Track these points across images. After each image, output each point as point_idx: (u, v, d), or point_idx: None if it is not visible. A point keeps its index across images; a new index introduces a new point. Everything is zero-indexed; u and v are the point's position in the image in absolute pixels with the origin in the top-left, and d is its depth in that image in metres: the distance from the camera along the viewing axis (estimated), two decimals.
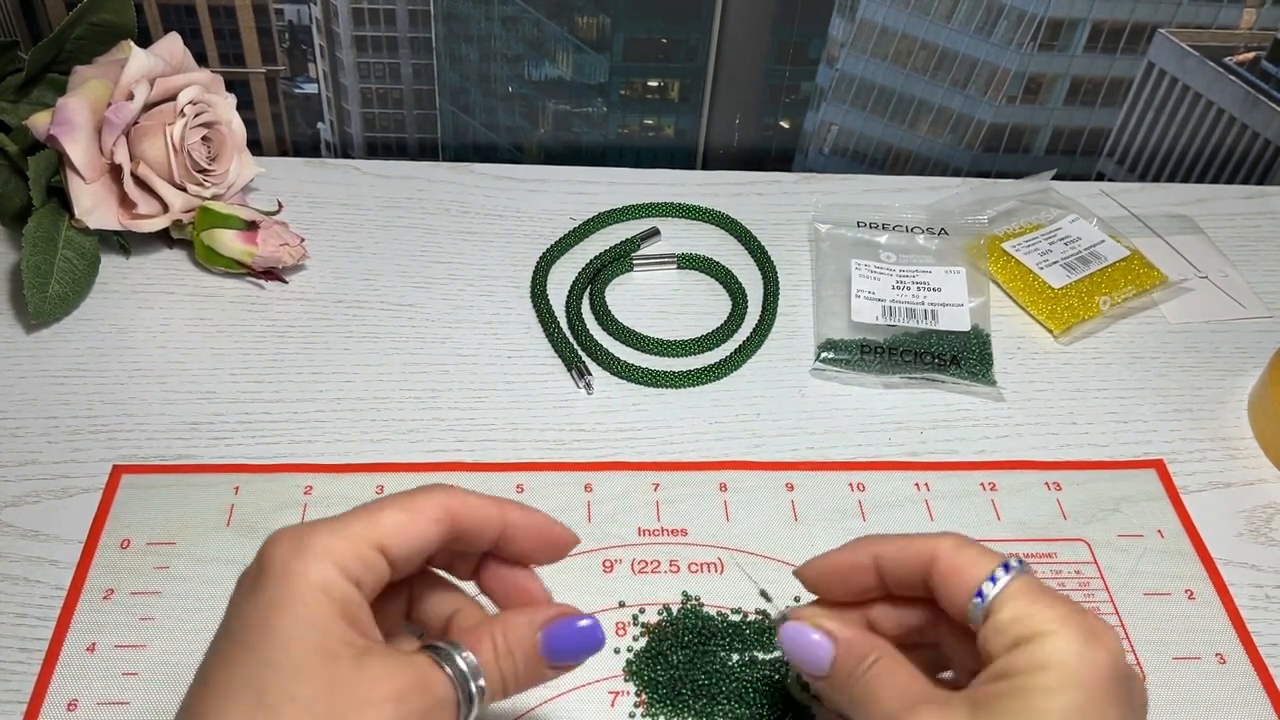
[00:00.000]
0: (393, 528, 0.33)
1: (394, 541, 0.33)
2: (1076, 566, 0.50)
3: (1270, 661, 0.47)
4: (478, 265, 0.64)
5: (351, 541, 0.32)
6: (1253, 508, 0.54)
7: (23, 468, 0.51)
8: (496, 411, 0.56)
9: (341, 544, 0.32)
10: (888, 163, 0.79)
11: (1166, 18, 0.72)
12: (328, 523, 0.33)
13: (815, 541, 0.50)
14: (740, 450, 0.55)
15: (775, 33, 0.72)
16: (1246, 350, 0.62)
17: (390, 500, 0.34)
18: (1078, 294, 0.63)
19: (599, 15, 0.71)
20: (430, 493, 0.35)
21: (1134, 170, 0.80)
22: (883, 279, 0.62)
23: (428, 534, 0.34)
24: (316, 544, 0.32)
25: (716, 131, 0.77)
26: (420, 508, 0.34)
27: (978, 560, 0.34)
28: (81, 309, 0.59)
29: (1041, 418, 0.57)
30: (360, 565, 0.32)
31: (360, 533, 0.33)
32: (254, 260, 0.60)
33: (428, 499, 0.34)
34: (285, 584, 0.31)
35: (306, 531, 0.33)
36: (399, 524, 0.33)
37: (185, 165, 0.59)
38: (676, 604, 0.47)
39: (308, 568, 0.32)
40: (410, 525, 0.33)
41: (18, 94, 0.61)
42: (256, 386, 0.56)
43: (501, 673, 0.34)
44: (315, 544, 0.32)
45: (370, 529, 0.33)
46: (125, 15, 0.60)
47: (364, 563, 0.32)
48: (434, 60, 0.73)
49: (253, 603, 0.32)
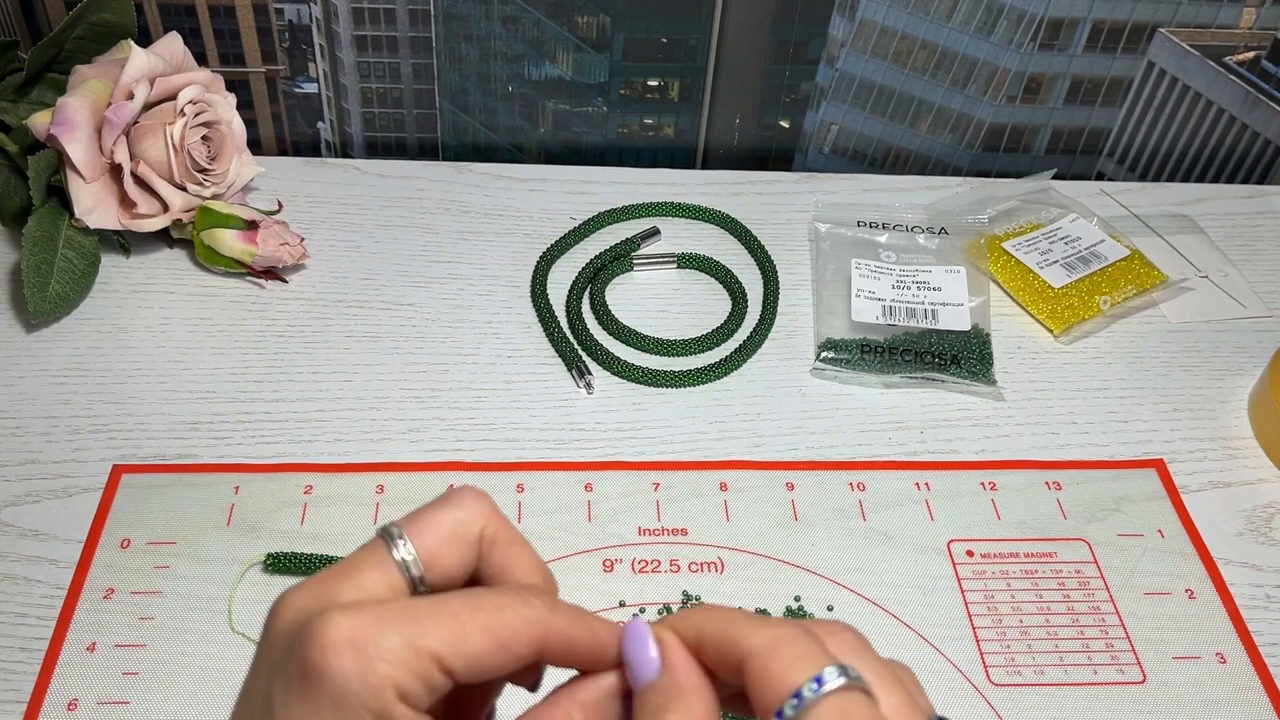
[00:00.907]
0: (474, 656, 0.28)
1: (467, 670, 0.28)
2: (1076, 566, 0.50)
3: (1270, 661, 0.47)
4: (478, 265, 0.64)
5: (423, 662, 0.27)
6: (1253, 507, 0.54)
7: (23, 467, 0.51)
8: (496, 411, 0.56)
9: (410, 664, 0.27)
10: (888, 162, 0.79)
11: (1166, 18, 0.72)
12: (398, 626, 0.27)
13: (815, 541, 0.50)
14: (740, 450, 0.55)
15: (775, 33, 0.72)
16: (1246, 350, 0.62)
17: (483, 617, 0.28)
18: (1078, 294, 0.63)
19: (599, 15, 0.71)
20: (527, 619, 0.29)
21: (1134, 170, 0.80)
22: (883, 279, 0.62)
23: (507, 669, 0.29)
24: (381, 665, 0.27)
25: (716, 131, 0.77)
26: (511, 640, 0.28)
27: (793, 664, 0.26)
28: (81, 309, 0.59)
29: (1041, 417, 0.57)
30: (424, 689, 0.27)
31: (435, 653, 0.27)
32: (254, 260, 0.60)
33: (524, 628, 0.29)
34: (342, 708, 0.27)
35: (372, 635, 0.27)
36: (483, 654, 0.28)
37: (185, 165, 0.59)
38: (676, 604, 0.47)
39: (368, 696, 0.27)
40: (494, 657, 0.28)
41: (18, 94, 0.60)
42: (256, 386, 0.56)
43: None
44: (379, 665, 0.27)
45: (448, 650, 0.27)
46: (125, 15, 0.60)
47: (429, 685, 0.27)
48: (434, 60, 0.73)
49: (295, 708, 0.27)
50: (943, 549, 0.50)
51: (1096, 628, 0.47)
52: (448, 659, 0.27)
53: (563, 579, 0.47)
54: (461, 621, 0.28)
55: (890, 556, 0.50)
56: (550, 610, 0.29)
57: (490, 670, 0.28)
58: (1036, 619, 0.48)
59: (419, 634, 0.27)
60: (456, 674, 0.28)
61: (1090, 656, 0.46)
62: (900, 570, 0.49)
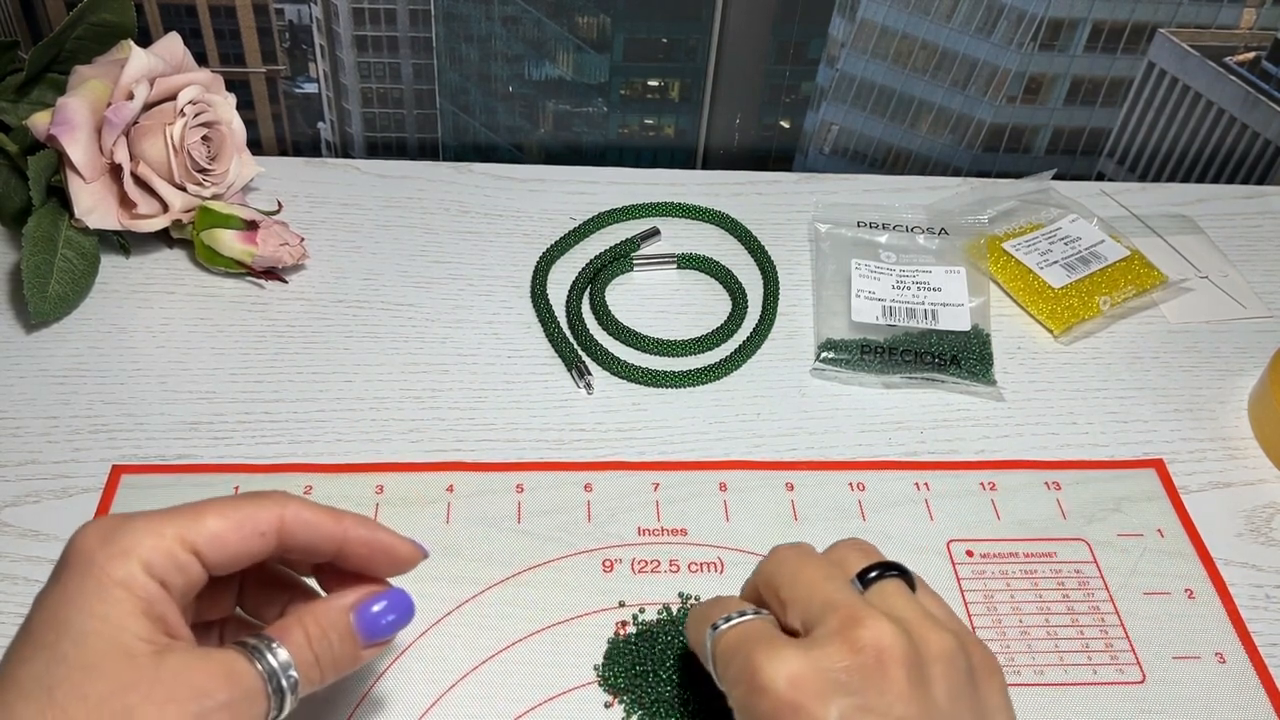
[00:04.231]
0: (213, 535, 0.33)
1: (211, 548, 0.33)
2: (1076, 566, 0.50)
3: (1270, 661, 0.47)
4: (478, 265, 0.64)
5: (164, 540, 0.32)
6: (1253, 508, 0.54)
7: (23, 468, 0.51)
8: (496, 411, 0.56)
9: (151, 541, 0.32)
10: (888, 163, 0.79)
11: (1166, 18, 0.72)
12: (143, 517, 0.32)
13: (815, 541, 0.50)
14: (740, 450, 0.55)
15: (775, 33, 0.72)
16: (1246, 350, 0.62)
17: (219, 504, 0.33)
18: (1078, 294, 0.63)
19: (599, 15, 0.71)
20: (264, 503, 0.34)
21: (1134, 170, 0.80)
22: (883, 279, 0.62)
23: (251, 545, 0.33)
24: (125, 540, 0.32)
25: (716, 131, 0.77)
26: (247, 520, 0.33)
27: None
28: (81, 309, 0.59)
29: (1041, 417, 0.57)
30: (169, 565, 0.32)
31: (175, 533, 0.32)
32: (254, 260, 0.60)
33: (260, 510, 0.34)
34: (85, 578, 0.31)
35: (116, 525, 0.32)
36: (220, 532, 0.33)
37: (185, 165, 0.59)
38: (676, 604, 0.47)
39: (111, 564, 0.31)
40: (232, 535, 0.33)
41: (18, 94, 0.60)
42: (256, 386, 0.56)
43: (317, 659, 0.34)
44: (124, 539, 0.32)
45: (188, 531, 0.32)
46: (125, 15, 0.60)
47: (174, 563, 0.32)
48: (434, 60, 0.73)
49: (51, 596, 0.31)
50: (942, 549, 0.50)
51: (1096, 628, 0.47)
52: (189, 537, 0.32)
53: (562, 579, 0.48)
54: (199, 508, 0.33)
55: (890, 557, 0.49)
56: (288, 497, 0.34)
57: (234, 549, 0.33)
58: (1036, 619, 0.48)
59: (161, 520, 0.32)
60: (202, 553, 0.32)
61: (1090, 656, 0.46)
62: None
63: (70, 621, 0.30)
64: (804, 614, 0.35)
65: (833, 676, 0.33)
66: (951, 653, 0.34)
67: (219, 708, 0.31)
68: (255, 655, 0.33)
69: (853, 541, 0.39)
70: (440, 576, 0.47)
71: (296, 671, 0.33)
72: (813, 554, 0.38)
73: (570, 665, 0.45)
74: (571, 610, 0.47)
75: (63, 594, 0.31)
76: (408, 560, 0.37)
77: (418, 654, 0.45)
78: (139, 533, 0.32)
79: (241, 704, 0.32)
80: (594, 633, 0.46)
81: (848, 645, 0.33)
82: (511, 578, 0.48)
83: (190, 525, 0.32)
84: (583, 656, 0.45)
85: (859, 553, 0.38)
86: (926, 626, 0.34)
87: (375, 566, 0.36)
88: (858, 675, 0.32)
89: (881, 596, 0.36)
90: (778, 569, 0.37)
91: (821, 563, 0.37)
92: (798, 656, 0.33)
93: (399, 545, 0.37)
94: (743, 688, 0.34)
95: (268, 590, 0.38)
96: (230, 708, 0.31)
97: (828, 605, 0.35)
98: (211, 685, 0.31)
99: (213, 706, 0.31)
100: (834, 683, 0.32)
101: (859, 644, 0.33)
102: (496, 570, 0.48)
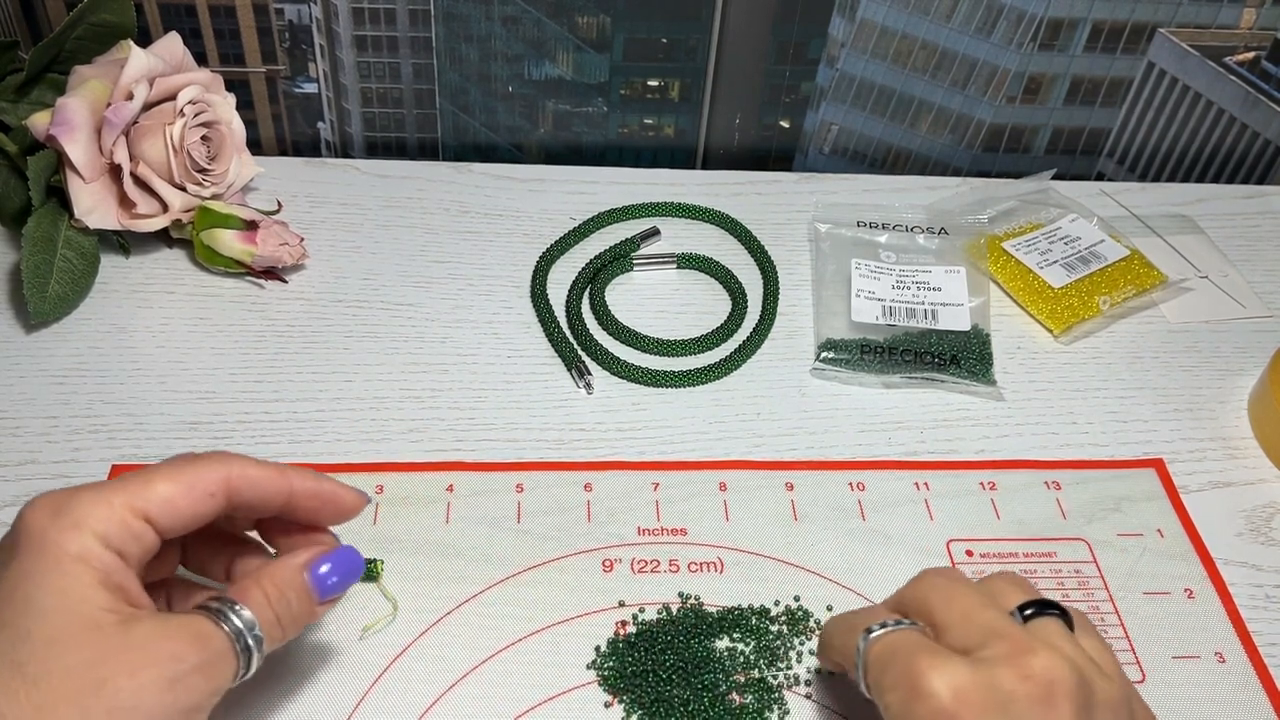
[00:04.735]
0: (162, 500, 0.33)
1: (162, 513, 0.33)
2: (1076, 566, 0.50)
3: (1270, 661, 0.47)
4: (478, 265, 0.64)
5: (115, 510, 0.32)
6: (1253, 508, 0.54)
7: (22, 467, 0.51)
8: (496, 411, 0.56)
9: (103, 512, 0.32)
10: (888, 163, 0.79)
11: (1166, 18, 0.72)
12: (91, 489, 0.33)
13: (815, 541, 0.50)
14: (740, 450, 0.55)
15: (775, 33, 0.72)
16: (1246, 350, 0.62)
17: (165, 469, 0.34)
18: (1078, 294, 0.63)
19: (599, 15, 0.71)
20: (209, 464, 0.35)
21: (1134, 170, 0.80)
22: (883, 279, 0.62)
23: (200, 507, 0.34)
24: (76, 512, 0.32)
25: (716, 131, 0.77)
26: (196, 481, 0.34)
27: None
28: (81, 309, 0.59)
29: (1041, 417, 0.57)
30: (124, 534, 0.32)
31: (125, 502, 0.32)
32: (254, 260, 0.60)
33: (206, 471, 0.34)
34: (41, 554, 0.31)
35: (66, 499, 0.32)
36: (170, 496, 0.33)
37: (185, 165, 0.59)
38: (676, 604, 0.47)
39: (64, 537, 0.31)
40: (182, 498, 0.34)
41: (18, 94, 0.60)
42: (256, 386, 0.56)
43: (278, 618, 0.35)
44: (74, 512, 0.32)
45: (137, 499, 0.33)
46: (125, 15, 0.60)
47: (128, 532, 0.32)
48: (434, 60, 0.73)
49: (6, 575, 0.31)
50: (942, 549, 0.50)
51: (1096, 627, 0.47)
52: (138, 505, 0.32)
53: (562, 579, 0.48)
54: (146, 475, 0.33)
55: (890, 556, 0.50)
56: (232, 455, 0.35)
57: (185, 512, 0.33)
58: None
59: (109, 490, 0.32)
60: (154, 519, 0.33)
61: None
62: (900, 570, 0.49)
63: (31, 599, 0.31)
64: (964, 638, 0.34)
65: (999, 698, 0.32)
66: (1117, 703, 0.34)
67: (191, 670, 0.31)
68: (219, 617, 0.33)
69: (1008, 575, 0.38)
70: (440, 576, 0.47)
71: (261, 630, 0.34)
72: (966, 580, 0.38)
73: (570, 665, 0.45)
74: (571, 610, 0.47)
75: (19, 571, 0.31)
76: (353, 507, 0.38)
77: (418, 654, 0.45)
78: (88, 504, 0.32)
79: (213, 665, 0.32)
80: (594, 633, 0.46)
81: (1018, 671, 0.32)
82: (511, 577, 0.48)
83: (139, 493, 0.33)
84: (583, 656, 0.45)
85: (1016, 587, 0.37)
86: (1094, 671, 0.34)
87: (322, 516, 0.38)
88: (1024, 702, 0.32)
89: (1044, 633, 0.35)
90: (930, 592, 0.37)
91: (978, 591, 0.37)
92: (966, 670, 0.33)
93: (344, 494, 0.38)
94: (901, 692, 0.33)
95: (211, 546, 0.39)
96: (202, 669, 0.32)
97: (992, 632, 0.34)
98: (182, 649, 0.31)
99: (185, 670, 0.31)
100: (999, 704, 0.32)
101: (1030, 671, 0.32)
102: (496, 570, 0.48)
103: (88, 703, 0.30)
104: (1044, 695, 0.32)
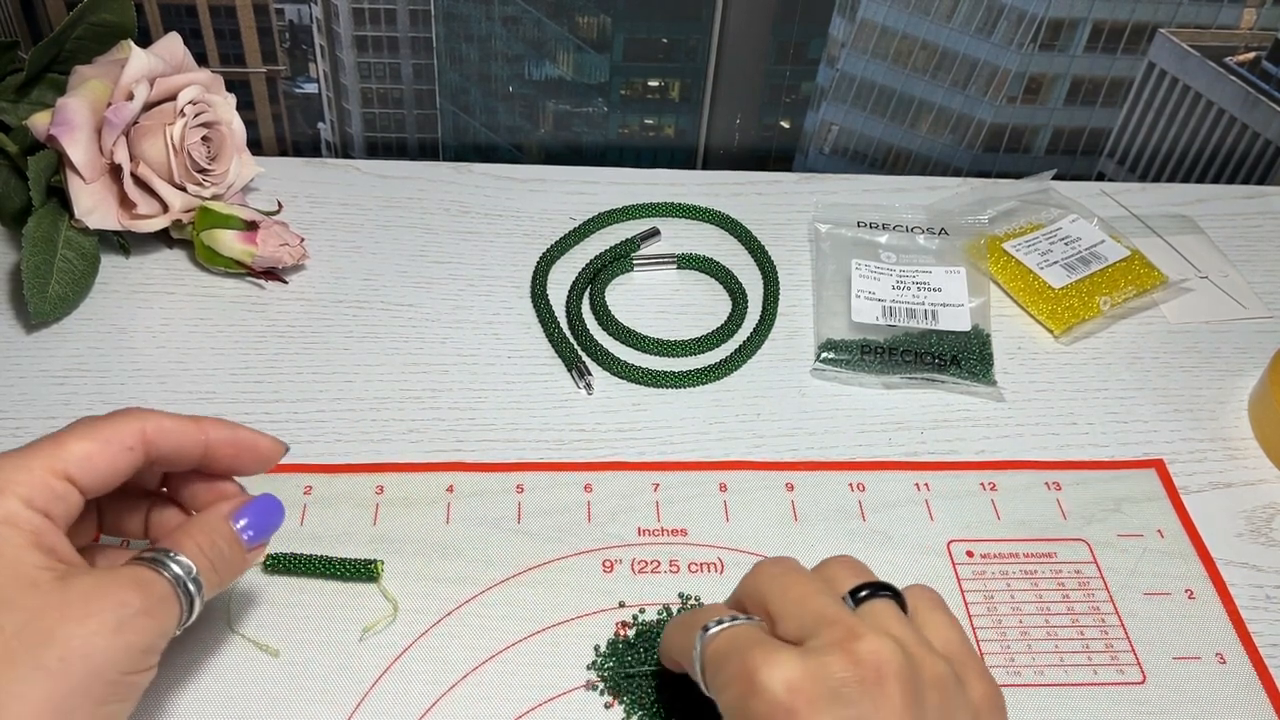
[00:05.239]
0: (80, 457, 0.34)
1: (82, 471, 0.34)
2: (1076, 566, 0.50)
3: (1270, 661, 0.47)
4: (478, 265, 0.64)
5: (36, 474, 0.33)
6: (1253, 508, 0.54)
7: None
8: (496, 411, 0.56)
9: (24, 476, 0.33)
10: (888, 163, 0.79)
11: (1166, 18, 0.72)
12: (10, 456, 0.33)
13: (815, 541, 0.50)
14: (740, 450, 0.55)
15: (775, 33, 0.72)
16: (1246, 350, 0.62)
17: (80, 428, 0.35)
18: (1078, 294, 0.63)
19: (599, 15, 0.71)
20: (124, 419, 0.35)
21: (1134, 170, 0.80)
22: (883, 279, 0.62)
23: (119, 462, 0.35)
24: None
25: (716, 131, 0.77)
26: (111, 436, 0.35)
27: None
28: (81, 309, 0.59)
29: (1042, 418, 0.57)
30: (48, 496, 0.33)
31: (45, 464, 0.33)
32: (254, 260, 0.60)
33: (121, 426, 0.35)
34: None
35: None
36: (88, 453, 0.34)
37: (185, 165, 0.59)
38: (676, 604, 0.47)
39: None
40: (100, 454, 0.34)
41: (18, 94, 0.61)
42: (256, 387, 0.56)
43: (213, 565, 0.35)
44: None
45: (56, 460, 0.33)
46: (125, 15, 0.60)
47: (52, 493, 0.33)
48: (434, 60, 0.73)
49: None
50: (942, 549, 0.50)
51: (1096, 628, 0.47)
52: (57, 466, 0.33)
53: (562, 579, 0.48)
54: (60, 436, 0.34)
55: (890, 557, 0.50)
56: (145, 410, 0.36)
57: (104, 469, 0.34)
58: (1036, 619, 0.48)
59: (25, 454, 0.33)
60: (74, 477, 0.33)
61: (1090, 657, 0.46)
62: (900, 571, 0.49)
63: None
64: (797, 627, 0.35)
65: (830, 686, 0.32)
66: (946, 680, 0.34)
67: (137, 614, 0.32)
68: (159, 565, 0.34)
69: (843, 559, 0.39)
70: (440, 577, 0.47)
71: (200, 575, 0.35)
72: (800, 569, 0.38)
73: (570, 666, 0.45)
74: (571, 611, 0.47)
75: None
76: (271, 454, 0.39)
77: (418, 654, 0.45)
78: (9, 470, 0.33)
79: (157, 608, 0.33)
80: (594, 633, 0.46)
81: (848, 657, 0.33)
82: (511, 578, 0.48)
83: (56, 454, 0.34)
84: (583, 657, 0.45)
85: (849, 571, 0.38)
86: (923, 650, 0.34)
87: (241, 465, 0.38)
88: (856, 687, 0.32)
89: (874, 616, 0.35)
90: (766, 583, 0.37)
91: (811, 578, 0.37)
92: (796, 662, 0.33)
93: (261, 441, 0.38)
94: (736, 690, 0.34)
95: (126, 504, 0.39)
96: (148, 613, 0.32)
97: (821, 619, 0.34)
98: (126, 595, 0.32)
99: (131, 614, 0.32)
100: (831, 692, 0.32)
101: (858, 657, 0.33)
102: (496, 570, 0.48)
103: (40, 655, 0.30)
104: (875, 678, 0.32)
